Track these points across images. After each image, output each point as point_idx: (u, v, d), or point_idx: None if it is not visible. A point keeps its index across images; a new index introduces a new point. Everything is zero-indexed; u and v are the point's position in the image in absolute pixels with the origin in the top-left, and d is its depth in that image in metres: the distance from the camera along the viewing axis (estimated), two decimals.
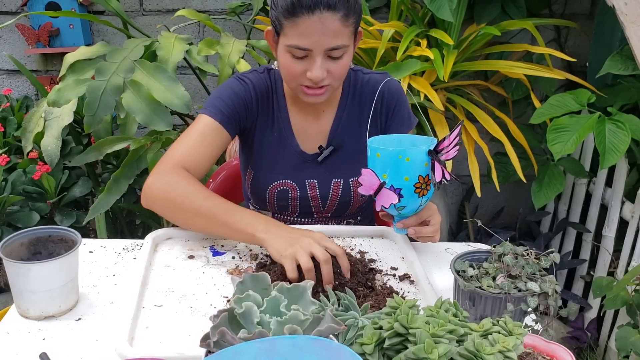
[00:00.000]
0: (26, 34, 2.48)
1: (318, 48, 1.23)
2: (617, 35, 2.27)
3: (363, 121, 1.44)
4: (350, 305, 0.88)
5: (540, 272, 0.99)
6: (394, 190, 1.17)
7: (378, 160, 1.18)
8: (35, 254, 1.08)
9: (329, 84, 1.29)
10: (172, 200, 1.25)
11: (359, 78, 1.44)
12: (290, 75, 1.29)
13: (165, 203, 1.27)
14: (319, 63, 1.24)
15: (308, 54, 1.24)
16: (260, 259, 1.22)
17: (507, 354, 0.72)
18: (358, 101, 1.44)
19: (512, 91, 2.47)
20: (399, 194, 1.17)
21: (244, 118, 1.40)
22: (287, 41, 1.25)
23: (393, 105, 1.44)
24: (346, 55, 1.28)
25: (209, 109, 1.36)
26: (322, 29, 1.21)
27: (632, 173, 2.22)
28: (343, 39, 1.24)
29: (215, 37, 2.20)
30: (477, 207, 2.87)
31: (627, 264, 2.15)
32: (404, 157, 1.15)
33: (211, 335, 0.71)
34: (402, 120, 1.45)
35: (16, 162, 2.15)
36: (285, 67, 1.28)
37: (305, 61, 1.26)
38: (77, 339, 1.00)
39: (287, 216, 1.49)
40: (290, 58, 1.26)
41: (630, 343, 1.67)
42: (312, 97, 1.31)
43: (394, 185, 1.17)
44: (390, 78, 1.45)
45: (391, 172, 1.17)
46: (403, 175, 1.16)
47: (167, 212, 1.28)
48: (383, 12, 2.57)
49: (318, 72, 1.25)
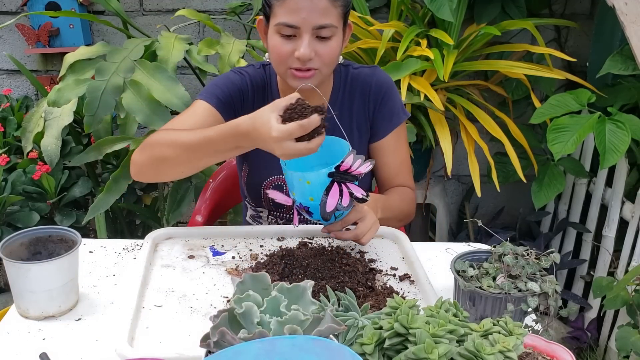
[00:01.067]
0: (26, 34, 2.48)
1: (306, 25, 1.24)
2: (617, 35, 2.27)
3: (354, 115, 1.44)
4: (350, 305, 0.88)
5: (540, 272, 0.99)
6: (303, 208, 1.19)
7: (287, 179, 1.20)
8: (35, 254, 1.08)
9: (317, 67, 1.29)
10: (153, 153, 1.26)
11: (349, 73, 1.45)
12: (279, 57, 1.29)
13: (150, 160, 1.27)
14: (307, 41, 1.25)
15: (296, 32, 1.26)
16: (260, 259, 1.22)
17: (507, 354, 0.72)
18: (349, 96, 1.44)
19: (512, 91, 2.47)
20: (307, 211, 1.19)
21: (239, 107, 1.40)
22: (276, 20, 1.26)
23: (380, 98, 1.44)
24: (335, 38, 1.28)
25: (205, 94, 1.38)
26: (311, 5, 1.23)
27: (632, 173, 2.22)
28: (331, 18, 1.26)
29: (215, 37, 2.20)
30: (477, 207, 2.87)
31: (627, 264, 2.15)
32: (304, 180, 1.15)
33: (211, 335, 0.71)
34: (391, 113, 1.45)
35: (16, 162, 2.15)
36: (275, 49, 1.29)
37: (294, 41, 1.27)
38: (77, 339, 1.00)
39: (282, 213, 1.49)
40: (279, 39, 1.27)
41: (630, 343, 1.67)
42: (300, 80, 1.30)
43: (302, 203, 1.19)
44: (380, 71, 1.45)
45: (297, 192, 1.19)
46: (307, 196, 1.17)
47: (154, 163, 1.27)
48: (383, 12, 2.57)
49: (306, 49, 1.25)
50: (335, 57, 1.31)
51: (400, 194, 1.47)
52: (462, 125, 2.21)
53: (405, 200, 1.47)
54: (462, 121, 2.21)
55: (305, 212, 1.20)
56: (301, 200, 1.18)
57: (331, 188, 1.15)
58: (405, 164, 1.51)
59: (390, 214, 1.38)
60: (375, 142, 1.46)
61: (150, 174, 1.31)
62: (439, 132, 2.12)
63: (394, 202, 1.43)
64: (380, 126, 1.44)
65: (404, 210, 1.47)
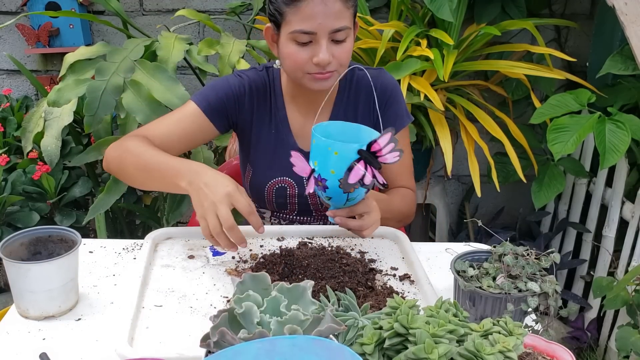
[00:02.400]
0: (26, 34, 2.48)
1: (322, 30, 1.24)
2: (617, 35, 2.27)
3: (359, 117, 1.44)
4: (350, 305, 0.88)
5: (540, 272, 0.99)
6: (321, 180, 1.17)
7: (313, 147, 1.18)
8: (35, 254, 1.08)
9: (334, 69, 1.29)
10: (120, 157, 1.31)
11: (354, 74, 1.45)
12: (296, 64, 1.28)
13: (116, 161, 1.32)
14: (325, 46, 1.25)
15: (312, 38, 1.25)
16: (260, 259, 1.22)
17: (507, 354, 0.72)
18: (354, 97, 1.44)
19: (512, 91, 2.47)
20: (324, 185, 1.17)
21: (233, 112, 1.41)
22: (290, 28, 1.25)
23: (385, 101, 1.44)
24: (349, 39, 1.29)
25: (198, 96, 1.39)
26: (325, 10, 1.22)
27: (632, 173, 2.22)
28: (346, 20, 1.26)
29: (215, 37, 2.20)
30: (477, 207, 2.87)
31: (627, 264, 2.15)
32: (333, 151, 1.14)
33: (211, 335, 0.71)
34: (395, 117, 1.45)
35: (16, 162, 2.15)
36: (291, 57, 1.28)
37: (310, 47, 1.26)
38: (77, 339, 1.00)
39: (285, 214, 1.49)
40: (294, 46, 1.27)
41: (630, 343, 1.67)
42: (320, 83, 1.30)
43: (321, 174, 1.17)
44: (385, 73, 1.45)
45: (320, 162, 1.17)
46: (330, 167, 1.15)
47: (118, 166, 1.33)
48: (383, 12, 2.57)
49: (325, 55, 1.25)
50: (349, 57, 1.32)
51: (402, 195, 1.48)
52: (462, 125, 2.21)
53: (406, 202, 1.48)
54: (462, 121, 2.21)
55: (322, 187, 1.17)
56: (321, 171, 1.16)
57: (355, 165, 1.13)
58: (407, 166, 1.51)
59: (390, 215, 1.39)
60: None
61: (114, 172, 1.36)
62: (439, 132, 2.12)
63: (394, 203, 1.44)
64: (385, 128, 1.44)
65: (404, 211, 1.47)
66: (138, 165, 1.27)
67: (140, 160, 1.27)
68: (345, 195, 1.18)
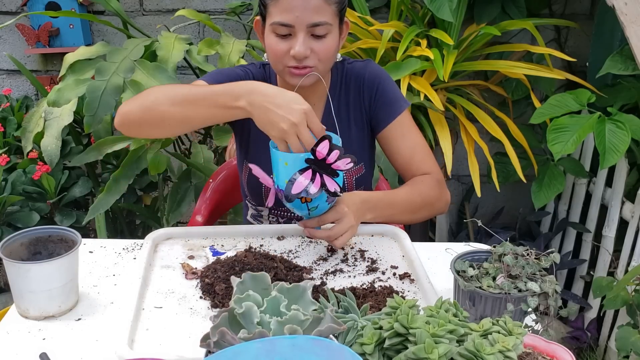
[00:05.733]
0: (26, 34, 2.48)
1: (300, 23, 1.25)
2: (617, 35, 2.27)
3: (350, 110, 1.45)
4: (349, 307, 0.88)
5: (540, 272, 0.99)
6: (280, 192, 1.15)
7: (271, 158, 1.17)
8: (35, 254, 1.08)
9: (313, 65, 1.29)
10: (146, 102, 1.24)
11: (344, 68, 1.46)
12: (276, 56, 1.30)
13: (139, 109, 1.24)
14: (302, 39, 1.26)
15: (291, 31, 1.27)
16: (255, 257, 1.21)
17: (507, 354, 0.72)
18: (345, 91, 1.45)
19: (512, 91, 2.47)
20: (284, 196, 1.14)
21: None
22: (270, 20, 1.28)
23: (375, 89, 1.44)
24: (330, 35, 1.29)
25: (207, 77, 1.39)
26: (304, 3, 1.25)
27: (632, 173, 2.22)
28: (325, 16, 1.27)
29: (215, 37, 2.20)
30: (477, 207, 2.87)
31: (627, 264, 2.15)
32: (283, 161, 1.12)
33: (211, 335, 0.71)
34: (389, 102, 1.43)
35: (16, 162, 2.15)
36: (271, 48, 1.31)
37: (289, 40, 1.28)
38: (77, 339, 1.00)
39: (283, 212, 1.49)
40: (274, 38, 1.29)
41: (630, 343, 1.67)
42: (298, 78, 1.30)
43: (279, 186, 1.15)
44: (372, 63, 1.46)
45: (275, 173, 1.16)
46: (283, 178, 1.13)
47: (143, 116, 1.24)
48: (383, 12, 2.57)
49: (301, 47, 1.26)
50: (331, 54, 1.32)
51: (413, 183, 1.41)
52: (462, 125, 2.21)
53: (419, 189, 1.39)
54: (462, 121, 2.21)
55: (283, 196, 1.15)
56: (278, 183, 1.15)
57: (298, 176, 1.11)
58: (418, 147, 1.44)
59: (392, 210, 1.35)
60: (380, 132, 1.45)
61: (134, 126, 1.27)
62: (438, 132, 2.12)
63: (398, 196, 1.37)
64: (380, 116, 1.44)
65: (416, 200, 1.38)
66: (175, 100, 1.21)
67: (178, 94, 1.22)
68: (305, 205, 1.16)
